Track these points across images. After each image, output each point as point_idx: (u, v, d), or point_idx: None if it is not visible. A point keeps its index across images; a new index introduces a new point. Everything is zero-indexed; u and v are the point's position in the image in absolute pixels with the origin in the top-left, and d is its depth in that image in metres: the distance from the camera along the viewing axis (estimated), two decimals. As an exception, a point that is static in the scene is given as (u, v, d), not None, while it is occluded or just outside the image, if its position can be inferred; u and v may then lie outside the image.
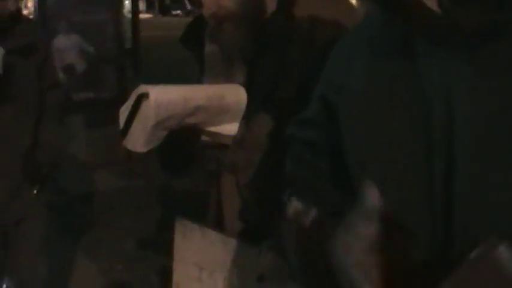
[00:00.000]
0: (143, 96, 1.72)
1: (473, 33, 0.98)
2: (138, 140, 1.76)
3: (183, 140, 1.84)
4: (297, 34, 1.86)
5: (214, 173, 2.01)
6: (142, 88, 1.74)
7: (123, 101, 1.87)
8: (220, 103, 1.85)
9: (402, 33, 1.08)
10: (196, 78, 2.10)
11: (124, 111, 1.76)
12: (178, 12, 65.45)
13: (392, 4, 1.07)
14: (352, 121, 1.19)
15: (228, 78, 1.96)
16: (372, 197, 0.98)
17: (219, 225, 1.95)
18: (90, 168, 6.78)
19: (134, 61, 7.69)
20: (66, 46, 6.76)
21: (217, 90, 1.88)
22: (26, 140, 3.03)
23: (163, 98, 1.73)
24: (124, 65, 7.23)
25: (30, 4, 8.32)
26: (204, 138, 1.89)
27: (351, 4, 2.06)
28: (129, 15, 8.41)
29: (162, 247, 2.43)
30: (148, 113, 1.72)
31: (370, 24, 1.21)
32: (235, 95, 1.89)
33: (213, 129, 1.88)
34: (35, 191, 3.05)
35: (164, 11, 65.91)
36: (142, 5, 66.52)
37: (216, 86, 1.93)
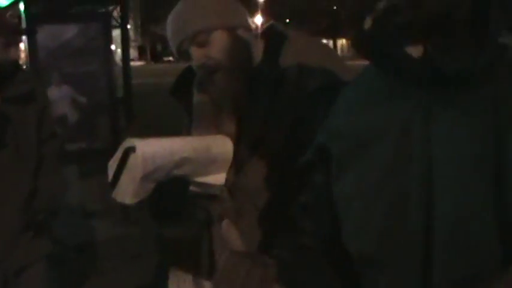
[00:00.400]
0: (130, 150, 1.74)
1: (454, 79, 1.01)
2: (126, 193, 1.78)
3: (171, 191, 1.85)
4: (284, 82, 1.89)
5: (204, 223, 2.03)
6: (129, 141, 1.76)
7: (116, 150, 1.89)
8: (206, 154, 1.87)
9: (392, 82, 1.11)
10: (185, 129, 2.13)
11: (112, 164, 1.78)
12: (170, 58, 65.84)
13: (382, 57, 1.11)
14: (341, 165, 1.22)
15: (217, 127, 1.99)
16: None
17: (211, 275, 1.96)
18: (84, 218, 6.76)
19: (127, 109, 7.72)
20: (58, 97, 6.79)
21: (203, 142, 1.91)
22: (25, 188, 2.99)
23: (150, 151, 1.76)
24: (117, 113, 7.26)
25: (22, 55, 8.37)
26: (192, 188, 1.91)
27: (334, 52, 2.10)
28: (121, 63, 8.47)
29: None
30: (135, 166, 1.73)
31: (368, 74, 1.25)
32: (222, 145, 1.92)
33: (200, 179, 1.90)
34: (32, 238, 3.04)
35: (156, 57, 66.31)
36: (134, 53, 67.10)
37: (202, 137, 1.95)
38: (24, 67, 7.53)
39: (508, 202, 0.98)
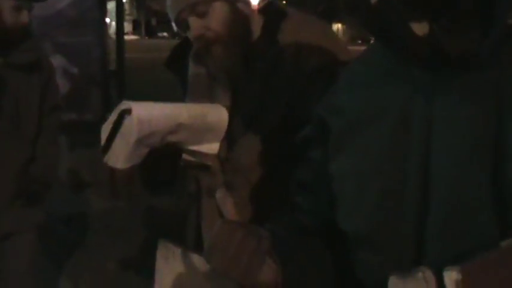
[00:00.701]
0: (125, 112, 1.71)
1: (458, 60, 0.99)
2: (119, 157, 1.76)
3: (164, 158, 1.84)
4: (282, 59, 1.89)
5: (194, 195, 2.02)
6: (125, 104, 1.74)
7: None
8: (202, 122, 1.86)
9: (396, 61, 1.10)
10: (180, 100, 2.11)
11: (106, 128, 1.76)
12: (165, 34, 65.67)
13: (386, 35, 1.09)
14: (340, 141, 1.21)
15: (211, 100, 1.98)
16: None
17: (197, 248, 1.95)
18: (72, 190, 6.75)
19: (119, 83, 7.68)
20: (51, 67, 6.75)
21: (200, 109, 1.90)
22: (22, 155, 3.02)
23: (146, 114, 1.74)
24: (108, 87, 7.22)
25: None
26: (185, 156, 1.90)
27: (332, 31, 2.09)
28: (115, 37, 8.42)
29: (145, 269, 2.42)
30: (130, 129, 1.71)
31: (373, 53, 1.23)
32: (218, 114, 1.91)
33: (194, 147, 1.89)
34: (24, 207, 3.04)
35: (150, 32, 66.12)
36: (128, 27, 66.82)
37: (198, 105, 1.94)
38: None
39: (505, 186, 0.96)
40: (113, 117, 1.75)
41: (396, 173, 1.07)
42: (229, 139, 1.94)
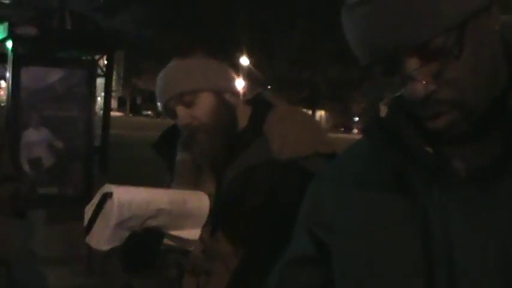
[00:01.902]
0: (107, 195, 1.76)
1: (468, 179, 1.01)
2: (100, 238, 1.79)
3: (145, 242, 1.86)
4: (266, 150, 1.92)
5: (175, 277, 2.03)
6: (107, 187, 1.78)
7: (88, 198, 1.87)
8: (182, 208, 1.89)
9: (392, 167, 1.10)
10: (166, 185, 2.14)
11: (89, 209, 1.80)
12: (149, 112, 66.17)
13: (389, 140, 1.09)
14: (350, 262, 1.16)
15: (196, 186, 2.01)
16: None
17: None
18: (49, 265, 6.65)
19: (102, 159, 7.69)
20: (36, 140, 6.77)
21: (180, 195, 1.93)
22: None
23: (126, 198, 1.77)
24: (91, 162, 7.22)
25: (2, 93, 8.31)
26: (166, 241, 1.91)
27: (319, 126, 2.16)
28: (101, 113, 8.48)
29: None
30: (110, 212, 1.75)
31: (353, 159, 1.23)
32: (198, 201, 1.94)
33: (175, 232, 1.91)
34: None
35: (135, 110, 66.57)
36: (114, 103, 67.30)
37: (179, 191, 1.97)
38: (3, 104, 7.45)
39: None
40: (95, 199, 1.79)
41: (420, 282, 1.04)
42: (212, 225, 1.96)
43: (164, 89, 2.00)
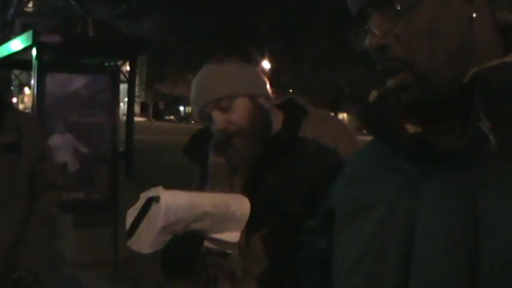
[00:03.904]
0: (153, 199, 1.78)
1: (445, 156, 1.02)
2: (144, 242, 1.81)
3: (185, 245, 1.88)
4: (303, 155, 1.96)
5: (212, 279, 2.05)
6: (153, 191, 1.80)
7: (114, 203, 1.90)
8: (225, 211, 1.91)
9: (390, 156, 1.13)
10: (196, 185, 2.18)
11: (132, 212, 1.82)
12: (172, 117, 66.47)
13: (381, 130, 1.14)
14: (338, 232, 1.24)
15: (231, 190, 2.02)
16: None
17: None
18: (75, 269, 6.71)
19: (127, 164, 7.75)
20: (61, 145, 6.83)
21: (223, 199, 1.94)
22: (7, 239, 2.88)
23: (173, 202, 1.79)
24: (117, 167, 7.28)
25: (27, 99, 8.41)
26: (206, 244, 1.93)
27: (352, 132, 2.16)
28: (124, 118, 8.54)
29: None
30: (157, 216, 1.77)
31: (370, 148, 1.27)
32: (240, 205, 1.95)
33: (216, 235, 1.93)
34: None
35: (158, 115, 66.90)
36: (137, 109, 67.67)
37: (222, 194, 1.99)
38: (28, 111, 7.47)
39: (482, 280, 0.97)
40: (140, 202, 1.81)
41: (378, 262, 1.09)
42: (250, 227, 1.97)
43: (200, 94, 2.02)
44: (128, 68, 8.50)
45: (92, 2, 13.70)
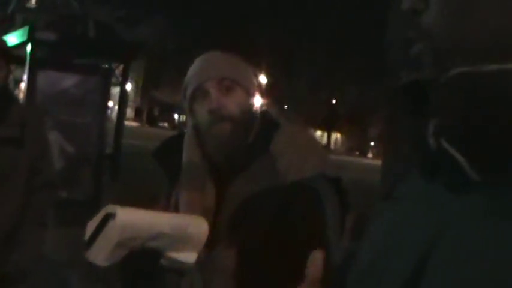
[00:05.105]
0: (110, 216, 1.80)
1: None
2: (99, 255, 1.83)
3: (142, 261, 1.89)
4: (272, 169, 1.94)
5: None
6: (111, 207, 1.82)
7: (96, 204, 1.91)
8: (182, 233, 1.91)
9: None
10: (164, 195, 2.15)
11: (91, 225, 1.85)
12: (165, 124, 66.28)
13: None
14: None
15: (202, 193, 2.02)
16: None
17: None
18: (55, 268, 6.69)
19: (113, 166, 7.75)
20: (47, 143, 6.82)
21: (181, 220, 1.94)
22: (2, 228, 2.87)
23: (129, 220, 1.82)
24: (101, 169, 7.28)
25: (22, 95, 8.44)
26: (163, 262, 1.94)
27: (321, 150, 2.16)
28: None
29: None
30: (112, 232, 1.80)
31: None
32: (198, 227, 1.95)
33: (172, 255, 1.93)
34: None
35: (152, 121, 66.76)
36: (131, 113, 67.48)
37: (180, 215, 1.99)
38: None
39: None
40: (98, 216, 1.83)
41: None
42: (211, 240, 1.97)
43: (204, 69, 2.02)
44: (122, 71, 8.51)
45: (92, 2, 13.73)
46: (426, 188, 0.90)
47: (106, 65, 8.11)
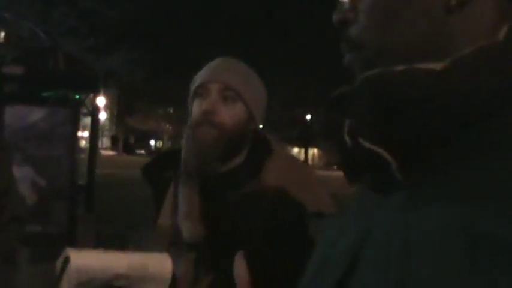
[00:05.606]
0: (66, 259, 1.80)
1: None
2: None
3: None
4: (262, 198, 1.90)
5: None
6: (67, 252, 1.81)
7: (72, 237, 1.90)
8: (142, 273, 1.89)
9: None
10: (152, 214, 2.11)
11: (57, 266, 1.85)
12: (142, 151, 66.12)
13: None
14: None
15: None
16: None
17: None
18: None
19: (87, 198, 7.69)
20: (19, 178, 6.73)
21: (140, 259, 1.92)
22: None
23: (82, 263, 1.81)
24: (75, 201, 7.22)
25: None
26: None
27: (315, 183, 2.09)
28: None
29: None
30: (69, 276, 1.80)
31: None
32: (160, 265, 1.92)
33: None
34: None
35: (128, 149, 66.55)
36: (107, 142, 67.23)
37: (140, 254, 1.96)
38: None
39: None
40: (60, 259, 1.83)
41: None
42: (195, 273, 1.95)
43: (213, 71, 1.99)
44: (92, 102, 8.49)
45: (60, 34, 13.70)
46: (362, 195, 0.92)
47: (76, 96, 8.08)
